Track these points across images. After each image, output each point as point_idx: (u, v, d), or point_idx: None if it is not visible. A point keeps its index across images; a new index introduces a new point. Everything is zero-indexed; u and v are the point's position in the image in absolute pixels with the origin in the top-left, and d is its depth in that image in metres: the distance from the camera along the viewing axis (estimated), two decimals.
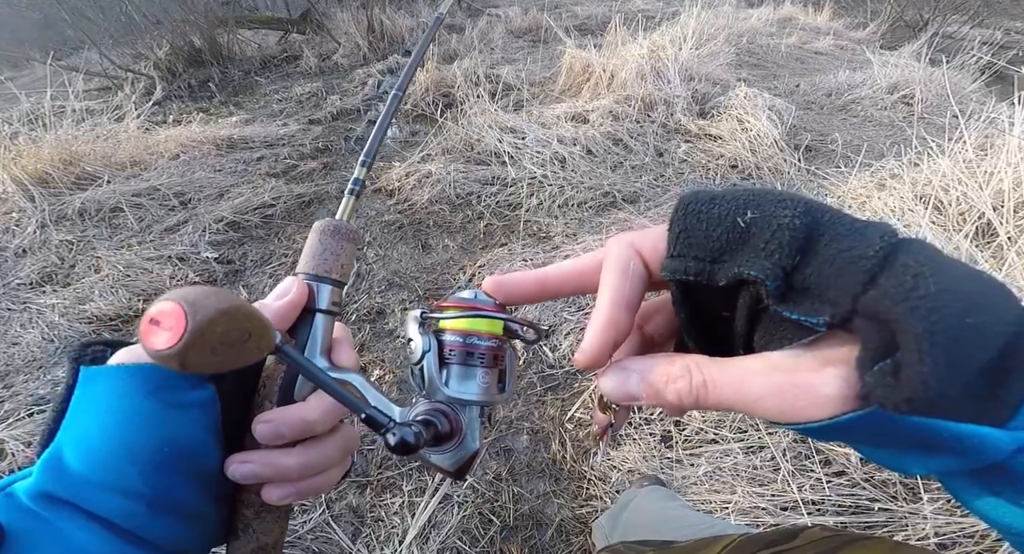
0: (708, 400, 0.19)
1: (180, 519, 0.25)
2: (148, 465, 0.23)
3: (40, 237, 2.28)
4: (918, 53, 4.49)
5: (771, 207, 0.18)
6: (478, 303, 0.29)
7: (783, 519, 1.17)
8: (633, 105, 3.02)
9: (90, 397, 0.24)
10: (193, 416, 0.25)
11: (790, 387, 0.17)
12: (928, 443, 0.16)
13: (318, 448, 0.28)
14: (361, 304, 1.92)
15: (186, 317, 0.18)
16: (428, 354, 0.28)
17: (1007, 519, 0.17)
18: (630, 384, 0.21)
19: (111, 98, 3.72)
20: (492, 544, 1.24)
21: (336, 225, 0.31)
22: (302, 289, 0.29)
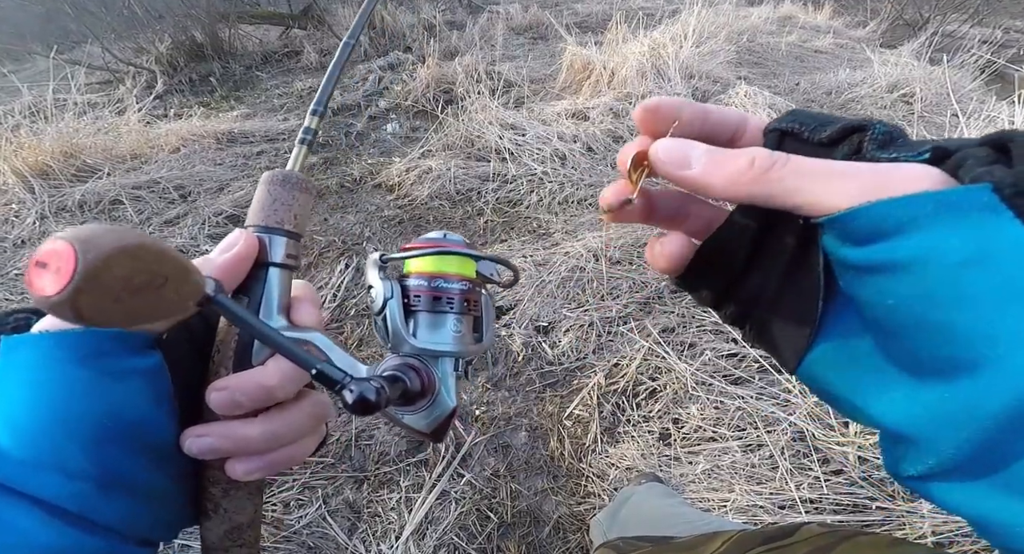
0: (785, 168, 0.17)
1: (134, 499, 0.23)
2: (88, 441, 0.21)
3: (39, 228, 2.27)
4: (918, 52, 4.48)
5: None
6: (446, 242, 0.26)
7: (781, 517, 1.18)
8: (634, 103, 3.01)
9: (14, 368, 0.21)
10: (135, 385, 0.22)
11: (881, 168, 0.16)
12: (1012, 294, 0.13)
13: (283, 416, 0.25)
14: (360, 299, 1.92)
15: (76, 256, 0.15)
16: (390, 301, 0.25)
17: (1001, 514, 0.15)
18: (693, 150, 0.19)
19: (112, 92, 3.71)
20: (489, 541, 1.24)
21: (285, 174, 0.27)
22: (250, 241, 0.25)
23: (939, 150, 0.16)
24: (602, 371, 1.55)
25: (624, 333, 1.66)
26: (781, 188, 0.17)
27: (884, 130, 0.17)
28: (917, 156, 0.16)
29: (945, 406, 0.15)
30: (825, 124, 0.19)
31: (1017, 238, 0.13)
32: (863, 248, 0.15)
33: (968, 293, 0.14)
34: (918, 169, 0.16)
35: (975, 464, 0.15)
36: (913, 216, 0.14)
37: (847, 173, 0.16)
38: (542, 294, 1.84)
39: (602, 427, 1.45)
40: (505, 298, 1.86)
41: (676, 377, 1.49)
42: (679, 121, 0.21)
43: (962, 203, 0.14)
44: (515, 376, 1.62)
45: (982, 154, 0.15)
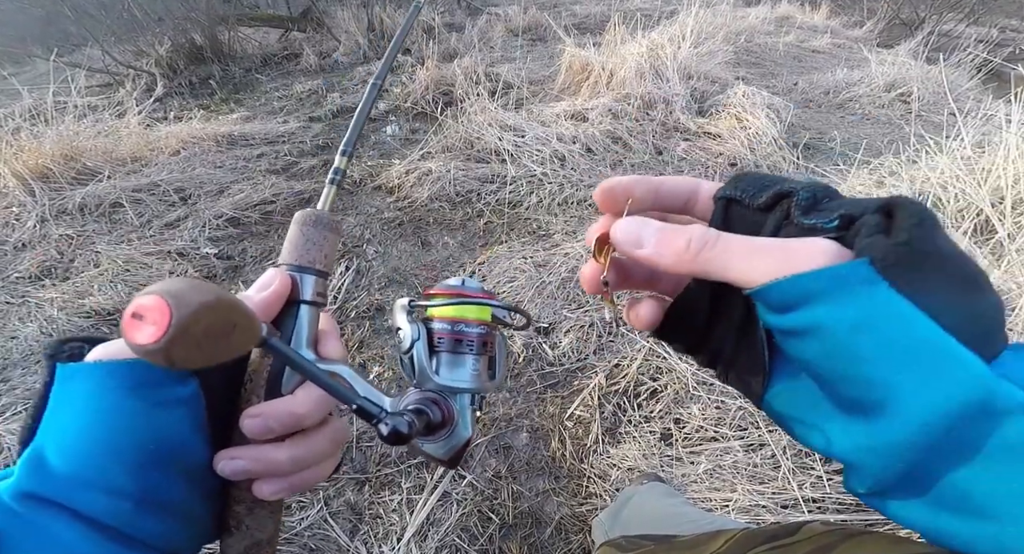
0: (714, 249, 0.20)
1: (169, 517, 0.25)
2: (133, 463, 0.23)
3: (40, 231, 2.27)
4: (915, 51, 4.50)
5: (813, 180, 0.22)
6: (465, 290, 0.29)
7: (784, 517, 1.18)
8: (632, 103, 3.02)
9: (69, 395, 0.23)
10: (177, 413, 0.24)
11: (789, 243, 0.19)
12: (899, 353, 0.16)
13: (308, 441, 0.28)
14: (361, 301, 1.92)
15: (170, 311, 0.18)
16: (417, 342, 0.28)
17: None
18: (645, 231, 0.22)
19: (112, 94, 3.71)
20: (491, 542, 1.24)
21: (318, 215, 0.30)
22: (284, 280, 0.28)
23: (845, 217, 0.19)
24: (603, 372, 1.55)
25: (624, 333, 1.66)
26: (714, 266, 0.20)
27: (807, 196, 0.20)
28: (829, 223, 0.19)
29: (868, 439, 0.18)
30: (762, 190, 0.22)
31: (890, 304, 0.16)
32: (780, 315, 0.19)
33: (861, 352, 0.17)
34: (819, 246, 0.18)
35: (905, 485, 0.18)
36: (810, 291, 0.17)
37: (763, 251, 0.19)
38: (542, 295, 1.84)
39: (603, 428, 1.45)
40: (505, 298, 1.86)
41: (677, 377, 1.49)
42: (632, 199, 0.25)
43: (847, 277, 0.17)
44: (516, 377, 1.62)
45: (873, 223, 0.18)
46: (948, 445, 0.16)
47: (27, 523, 0.22)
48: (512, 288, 1.89)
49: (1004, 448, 0.16)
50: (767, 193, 0.22)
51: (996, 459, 0.16)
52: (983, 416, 0.16)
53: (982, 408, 0.16)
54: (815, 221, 0.20)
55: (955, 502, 0.17)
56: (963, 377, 0.16)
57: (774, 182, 0.22)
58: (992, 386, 0.16)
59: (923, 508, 0.18)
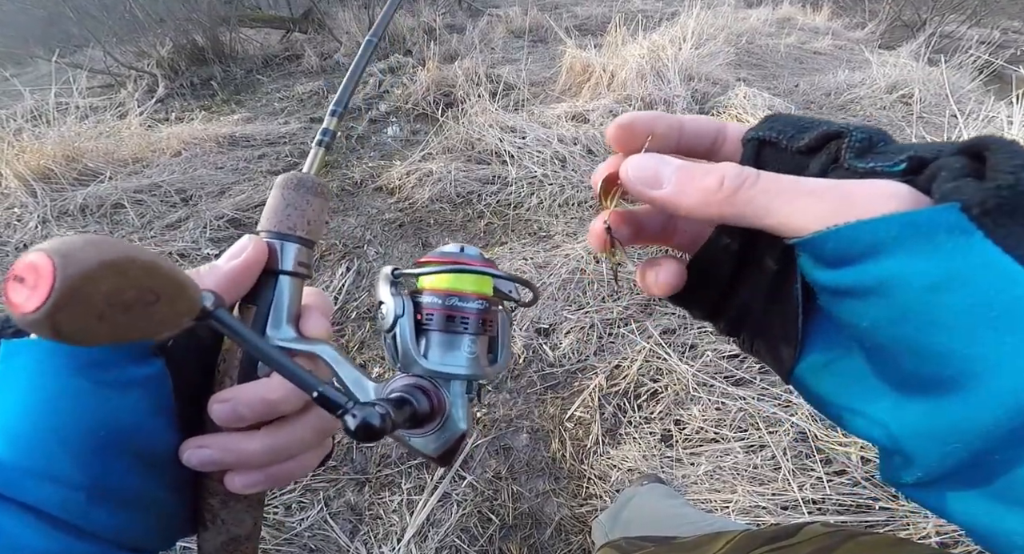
0: (754, 188, 0.17)
1: (125, 508, 0.22)
2: (81, 450, 0.21)
3: (41, 232, 2.28)
4: (916, 53, 4.49)
5: None
6: (463, 257, 0.25)
7: (784, 518, 1.17)
8: (633, 105, 3.02)
9: (12, 374, 0.21)
10: (133, 395, 0.22)
11: (844, 184, 0.16)
12: (989, 315, 0.13)
13: (286, 430, 0.24)
14: (361, 302, 1.92)
15: (55, 271, 0.14)
16: (401, 319, 0.24)
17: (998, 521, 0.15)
18: (664, 168, 0.18)
19: (114, 95, 3.72)
20: (491, 543, 1.24)
21: (300, 178, 0.26)
22: (259, 248, 0.24)
23: (915, 159, 0.16)
24: (603, 373, 1.55)
25: (625, 334, 1.66)
26: (751, 209, 0.17)
27: (862, 137, 0.17)
28: (893, 166, 0.16)
29: (929, 421, 0.15)
30: (803, 131, 0.19)
31: (987, 258, 0.13)
32: (834, 271, 0.15)
33: (940, 316, 0.14)
34: (887, 187, 0.15)
35: (963, 476, 0.15)
36: (879, 240, 0.14)
37: (815, 193, 0.16)
38: (543, 296, 1.84)
39: (603, 429, 1.45)
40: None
41: (677, 378, 1.49)
42: (653, 135, 0.21)
43: (929, 225, 0.14)
44: (516, 378, 1.62)
45: (956, 166, 0.15)
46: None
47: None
48: None
49: None
50: (811, 134, 0.18)
51: None
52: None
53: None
54: (874, 164, 0.16)
55: None
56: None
57: (817, 123, 0.19)
58: None
59: (982, 501, 0.15)
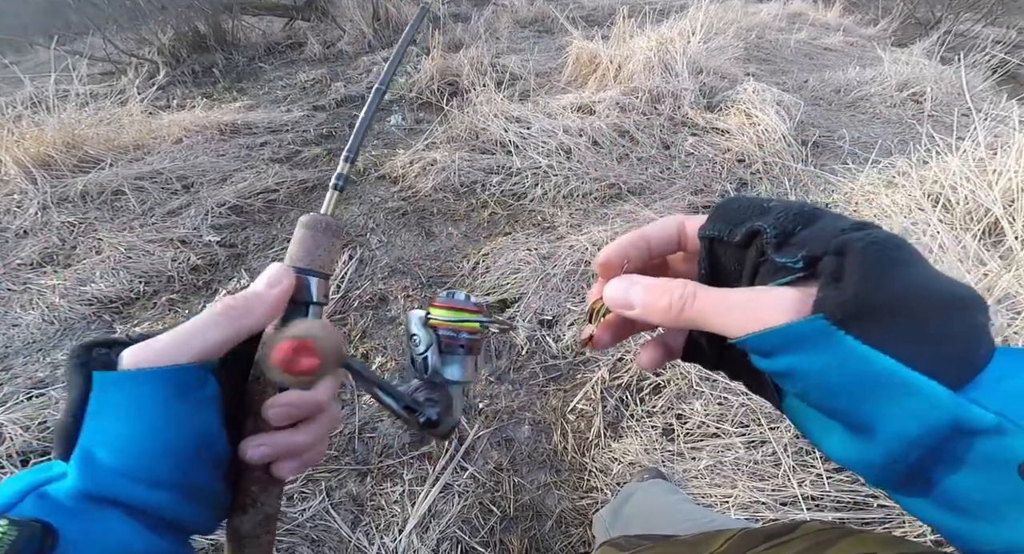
0: (693, 307, 0.23)
1: (201, 501, 0.28)
2: (181, 457, 0.26)
3: (41, 218, 2.26)
4: (929, 51, 4.44)
5: (790, 202, 0.24)
6: (461, 304, 0.36)
7: (783, 514, 1.17)
8: (640, 97, 2.99)
9: (116, 401, 0.25)
10: (212, 410, 0.27)
11: (756, 298, 0.21)
12: (866, 387, 0.18)
13: (317, 424, 0.31)
14: (364, 290, 1.91)
15: (318, 352, 0.24)
16: (431, 347, 0.35)
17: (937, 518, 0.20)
18: (632, 292, 0.25)
19: (115, 82, 3.69)
20: (492, 534, 1.24)
21: (328, 222, 0.32)
22: (291, 280, 0.30)
23: (807, 258, 0.21)
24: (606, 366, 1.55)
25: None
26: (696, 322, 0.23)
27: (775, 233, 0.22)
28: (796, 263, 0.21)
29: (862, 453, 0.20)
30: (737, 227, 0.24)
31: (847, 349, 0.18)
32: (760, 359, 0.21)
33: (832, 389, 0.19)
34: (781, 301, 0.20)
35: (909, 487, 0.20)
36: (777, 345, 0.20)
37: (735, 307, 0.21)
38: (546, 287, 1.83)
39: (605, 422, 1.44)
40: (509, 291, 1.85)
41: (680, 373, 1.48)
42: (628, 260, 0.27)
43: (805, 333, 0.19)
44: (519, 369, 1.62)
45: (829, 269, 0.20)
46: (938, 457, 0.18)
47: (86, 521, 0.23)
48: (516, 280, 1.88)
49: (980, 462, 0.18)
50: (740, 231, 0.24)
51: (976, 470, 0.18)
52: (959, 435, 0.18)
53: (956, 428, 0.18)
54: (785, 260, 0.22)
55: (951, 503, 0.19)
56: (926, 405, 0.18)
57: (749, 215, 0.24)
58: (958, 411, 0.17)
59: (929, 507, 0.20)
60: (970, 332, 0.19)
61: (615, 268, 0.28)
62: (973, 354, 0.19)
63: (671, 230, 0.28)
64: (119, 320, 1.82)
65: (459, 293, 0.36)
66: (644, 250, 0.28)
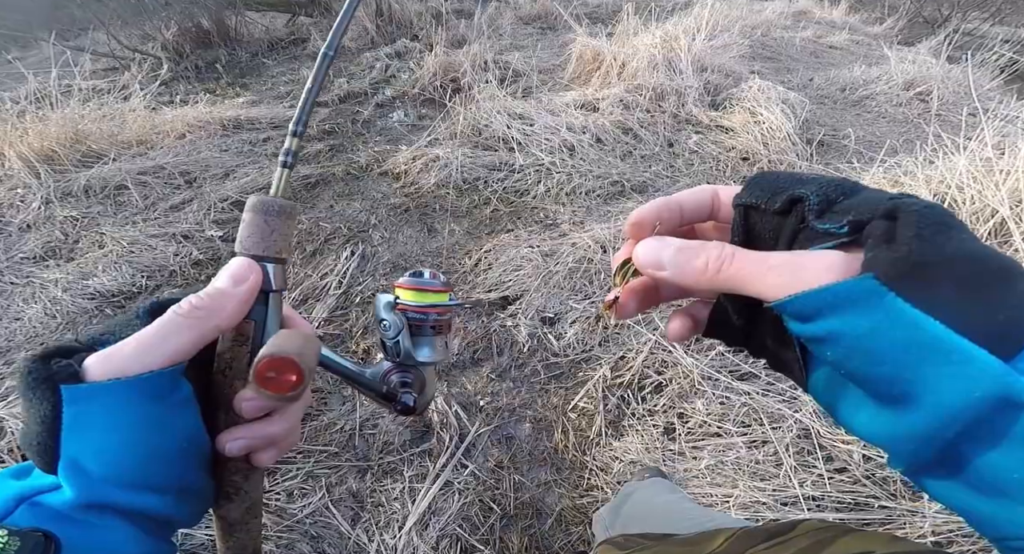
0: (731, 267, 0.22)
1: (193, 498, 0.28)
2: (170, 460, 0.26)
3: (44, 213, 2.27)
4: (936, 49, 4.40)
5: (827, 175, 0.23)
6: (429, 285, 0.36)
7: (783, 514, 1.17)
8: (644, 95, 2.97)
9: (95, 411, 0.24)
10: (191, 410, 0.27)
11: (800, 260, 0.20)
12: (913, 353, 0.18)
13: (291, 412, 0.31)
14: (366, 286, 1.91)
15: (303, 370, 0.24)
16: (402, 331, 0.35)
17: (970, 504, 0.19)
18: (664, 252, 0.24)
19: (118, 78, 3.69)
20: (492, 532, 1.24)
21: (281, 204, 0.30)
22: (258, 274, 0.29)
23: (854, 223, 0.20)
24: (608, 364, 1.54)
25: (631, 326, 1.65)
26: (733, 284, 0.22)
27: (818, 200, 0.22)
28: (840, 228, 0.21)
29: (894, 428, 0.19)
30: (776, 194, 0.23)
31: (897, 311, 0.18)
32: (800, 324, 0.20)
33: (876, 355, 0.18)
34: (826, 261, 0.20)
35: (939, 467, 0.19)
36: (822, 306, 0.19)
37: (775, 269, 0.21)
38: (548, 285, 1.82)
39: (607, 420, 1.44)
40: (511, 288, 1.85)
41: (682, 372, 1.48)
42: (660, 222, 0.27)
43: (854, 292, 0.18)
44: (520, 367, 1.61)
45: (878, 233, 0.19)
46: (977, 432, 0.18)
47: (84, 529, 0.24)
48: (518, 277, 1.88)
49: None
50: (780, 198, 0.23)
51: (1020, 446, 0.17)
52: (1007, 408, 0.17)
53: (1004, 401, 0.17)
54: (828, 226, 0.21)
55: (985, 484, 0.18)
56: (975, 374, 0.17)
57: (788, 185, 0.23)
58: (1009, 380, 0.17)
59: (957, 488, 0.19)
60: (1021, 303, 0.18)
61: (647, 229, 0.27)
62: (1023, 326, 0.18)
63: (705, 197, 0.27)
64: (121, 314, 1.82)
65: (425, 273, 0.36)
66: (676, 214, 0.27)
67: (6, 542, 0.21)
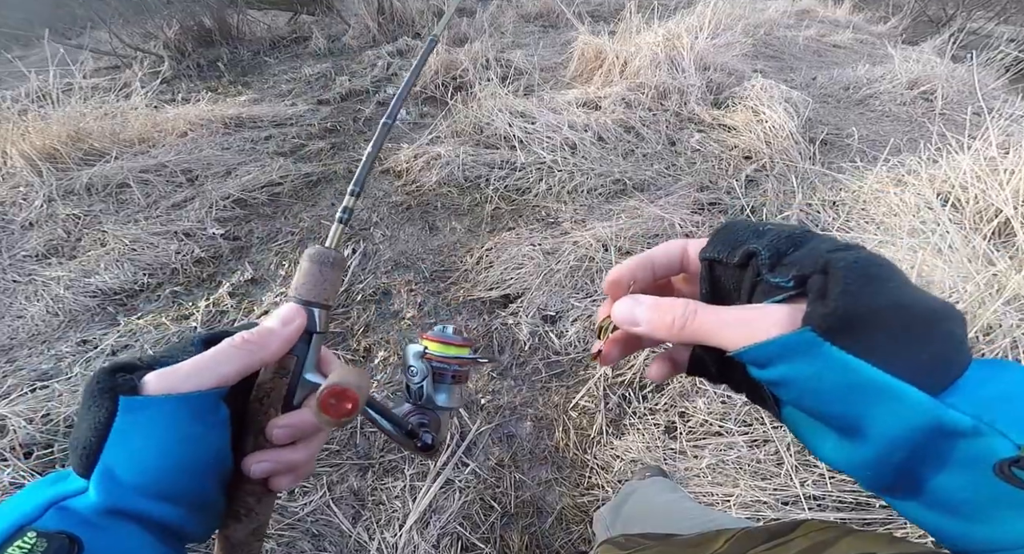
0: (694, 323, 0.25)
1: (207, 513, 0.30)
2: (198, 476, 0.28)
3: (47, 211, 2.27)
4: (940, 49, 4.38)
5: (783, 225, 0.26)
6: (453, 339, 0.39)
7: (784, 514, 1.16)
8: (646, 93, 2.97)
9: (140, 423, 0.27)
10: (224, 432, 0.30)
11: (751, 314, 0.23)
12: (852, 394, 0.20)
13: (314, 442, 0.34)
14: (367, 284, 1.91)
15: (359, 399, 0.27)
16: (426, 378, 0.38)
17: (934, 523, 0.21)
18: (637, 310, 0.27)
19: (119, 76, 3.70)
20: (492, 530, 1.24)
21: (334, 257, 0.34)
22: (304, 318, 0.33)
23: (798, 278, 0.23)
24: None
25: None
26: (697, 336, 0.25)
27: (768, 255, 0.24)
28: (787, 282, 0.23)
29: (853, 456, 0.22)
30: (735, 249, 0.26)
31: (834, 358, 0.20)
32: (757, 370, 0.23)
33: (823, 395, 0.21)
34: (773, 317, 0.22)
35: (900, 492, 0.22)
36: (771, 356, 0.22)
37: (730, 324, 0.23)
38: (550, 283, 1.82)
39: (608, 419, 1.43)
40: (512, 287, 1.84)
41: None
42: (635, 280, 0.30)
43: (797, 344, 0.21)
44: (521, 365, 1.61)
45: (815, 287, 0.21)
46: (925, 458, 0.20)
47: (106, 534, 0.25)
48: (519, 275, 1.87)
49: (962, 462, 0.19)
50: (738, 253, 0.25)
51: (959, 470, 0.19)
52: (941, 436, 0.19)
53: (938, 430, 0.19)
54: (778, 280, 0.23)
55: (940, 503, 0.21)
56: (907, 409, 0.19)
57: (746, 238, 0.26)
58: (938, 412, 0.19)
59: (920, 508, 0.22)
60: (947, 342, 0.21)
61: (623, 288, 0.30)
62: (950, 362, 0.20)
63: (674, 253, 0.30)
64: (123, 312, 1.82)
65: (448, 328, 0.40)
66: (649, 271, 0.30)
67: (34, 543, 0.22)
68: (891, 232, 1.81)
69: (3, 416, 1.37)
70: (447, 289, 1.90)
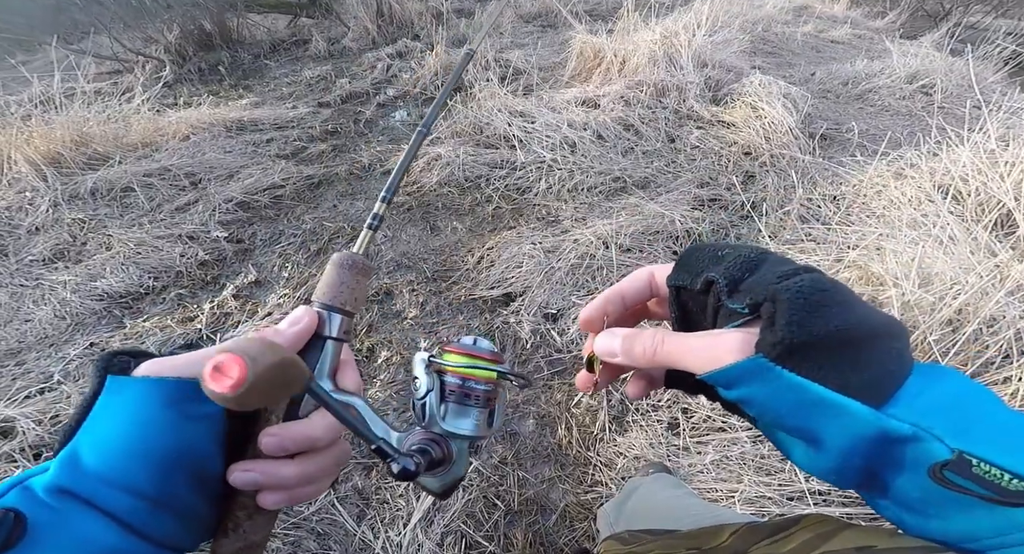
0: (663, 350, 0.27)
1: (176, 517, 0.28)
2: (158, 468, 0.26)
3: (52, 215, 2.29)
4: (939, 43, 4.36)
5: (741, 248, 0.28)
6: (476, 351, 0.34)
7: (789, 509, 1.16)
8: (645, 91, 2.97)
9: (114, 404, 0.26)
10: (203, 427, 0.28)
11: (711, 341, 0.25)
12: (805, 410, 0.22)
13: (316, 460, 0.31)
14: (369, 285, 1.91)
15: (247, 370, 0.21)
16: (431, 393, 0.33)
17: None
18: (613, 342, 0.29)
19: (121, 80, 3.72)
20: (496, 528, 1.24)
21: (355, 260, 0.33)
22: (313, 318, 0.32)
23: (751, 305, 0.24)
24: None
25: None
26: (667, 362, 0.27)
27: (725, 283, 0.26)
28: (743, 309, 0.25)
29: (817, 462, 0.24)
30: (697, 275, 0.28)
31: (785, 380, 0.22)
32: (724, 390, 0.25)
33: (781, 412, 0.23)
34: (730, 344, 0.24)
35: (870, 489, 0.24)
36: (731, 379, 0.24)
37: (694, 350, 0.26)
38: (551, 281, 1.83)
39: (610, 416, 1.44)
40: (514, 285, 1.85)
41: None
42: (608, 315, 0.32)
43: (752, 369, 0.23)
44: (523, 363, 1.62)
45: (766, 315, 0.23)
46: (883, 461, 0.22)
47: (57, 515, 0.24)
48: (520, 274, 1.88)
49: (909, 465, 0.22)
50: (700, 280, 0.27)
51: (908, 472, 0.22)
52: (888, 443, 0.21)
53: (884, 438, 0.21)
54: (735, 306, 0.25)
55: (902, 502, 0.23)
56: (853, 421, 0.22)
57: (706, 265, 0.28)
58: (881, 424, 0.21)
59: (891, 505, 0.24)
60: (888, 357, 0.23)
61: (598, 323, 0.32)
62: (891, 376, 0.22)
63: (642, 282, 0.32)
64: (129, 315, 1.84)
65: (482, 341, 0.35)
66: (620, 304, 0.32)
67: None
68: (892, 225, 1.81)
69: (12, 418, 1.39)
70: (449, 289, 1.90)
